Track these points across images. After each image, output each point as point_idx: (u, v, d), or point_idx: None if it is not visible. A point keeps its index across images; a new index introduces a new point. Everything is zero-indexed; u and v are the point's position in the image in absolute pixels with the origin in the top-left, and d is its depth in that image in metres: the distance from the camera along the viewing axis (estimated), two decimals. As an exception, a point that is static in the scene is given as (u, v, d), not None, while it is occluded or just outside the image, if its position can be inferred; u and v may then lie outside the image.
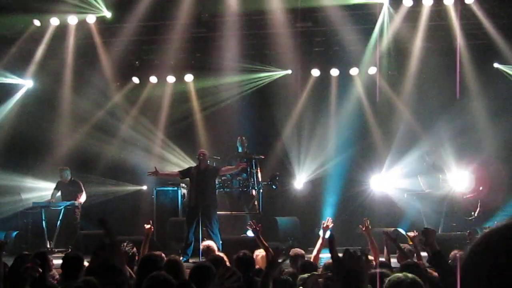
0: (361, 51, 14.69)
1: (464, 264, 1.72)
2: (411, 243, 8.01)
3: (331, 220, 8.21)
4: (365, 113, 15.25)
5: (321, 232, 8.21)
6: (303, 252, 7.94)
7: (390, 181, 14.40)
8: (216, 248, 8.77)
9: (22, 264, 6.78)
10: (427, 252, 6.16)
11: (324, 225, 8.10)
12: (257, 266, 7.07)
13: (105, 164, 15.56)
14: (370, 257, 7.24)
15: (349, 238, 12.78)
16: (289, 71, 15.62)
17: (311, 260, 7.77)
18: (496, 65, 14.60)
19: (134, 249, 7.65)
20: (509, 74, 14.53)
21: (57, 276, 6.77)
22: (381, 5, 13.94)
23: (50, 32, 14.83)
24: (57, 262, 8.26)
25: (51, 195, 13.81)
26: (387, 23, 14.19)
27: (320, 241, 8.05)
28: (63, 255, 7.24)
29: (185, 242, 11.50)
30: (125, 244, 7.69)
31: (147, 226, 8.05)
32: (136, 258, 7.62)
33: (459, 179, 13.71)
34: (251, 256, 7.06)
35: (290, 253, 7.72)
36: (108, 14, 14.37)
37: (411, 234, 7.95)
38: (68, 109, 15.76)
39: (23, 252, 7.95)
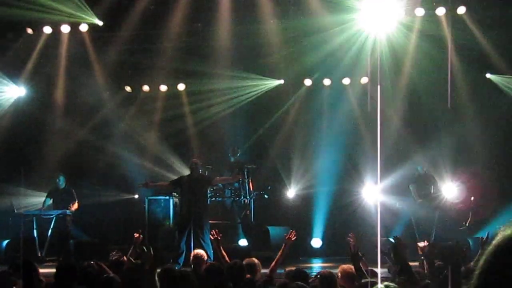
0: (354, 61, 14.72)
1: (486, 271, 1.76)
2: (421, 252, 7.87)
3: (295, 233, 8.10)
4: (357, 123, 15.29)
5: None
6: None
7: (381, 191, 14.40)
8: (206, 257, 8.74)
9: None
10: (397, 264, 6.22)
11: (287, 237, 7.99)
12: (248, 276, 7.05)
13: (97, 172, 15.54)
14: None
15: (341, 247, 12.80)
16: (282, 81, 15.68)
17: (268, 271, 7.63)
18: (488, 75, 14.66)
19: (124, 257, 7.64)
20: (501, 83, 14.58)
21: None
22: (374, 15, 13.99)
23: (43, 40, 14.81)
24: (48, 270, 8.26)
25: (42, 203, 13.77)
26: (380, 33, 14.23)
27: (280, 252, 7.89)
28: (56, 264, 7.19)
29: (177, 251, 11.49)
30: (113, 253, 7.69)
31: (136, 235, 7.97)
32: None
33: (451, 189, 13.74)
34: (242, 265, 7.04)
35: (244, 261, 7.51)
36: (100, 22, 14.36)
37: (421, 244, 7.80)
38: (60, 117, 15.73)
39: (15, 261, 7.93)
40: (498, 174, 13.89)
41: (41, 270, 7.66)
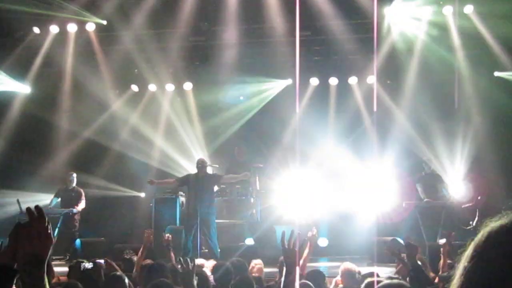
0: (360, 60, 14.71)
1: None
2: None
3: (315, 231, 8.09)
4: (364, 122, 15.28)
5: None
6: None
7: (388, 189, 14.35)
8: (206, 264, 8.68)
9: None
10: (408, 265, 6.22)
11: (310, 235, 7.97)
12: (256, 274, 7.05)
13: (104, 171, 15.57)
14: None
15: (346, 246, 12.84)
16: (289, 81, 15.69)
17: (299, 269, 7.59)
18: (496, 73, 14.60)
19: (134, 256, 7.69)
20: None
21: None
22: (380, 14, 13.97)
23: (50, 39, 14.86)
24: (55, 269, 8.26)
25: (50, 202, 13.78)
26: (386, 32, 14.22)
27: (307, 250, 7.84)
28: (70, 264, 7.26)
29: (183, 250, 11.48)
30: (127, 252, 7.75)
31: (148, 233, 7.98)
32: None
33: (458, 188, 13.71)
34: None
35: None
36: (107, 21, 14.40)
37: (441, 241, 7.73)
38: (67, 116, 15.76)
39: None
40: (506, 173, 13.83)
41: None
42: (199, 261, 8.46)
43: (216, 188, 12.76)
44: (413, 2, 13.78)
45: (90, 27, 14.62)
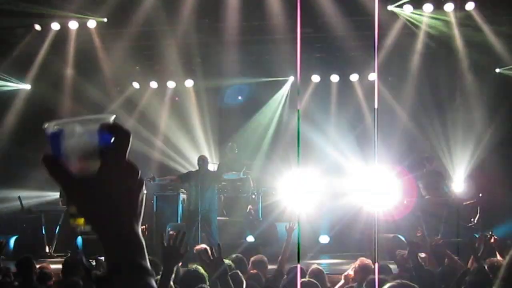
0: (361, 57, 14.70)
1: None
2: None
3: (294, 223, 8.10)
4: (365, 119, 15.28)
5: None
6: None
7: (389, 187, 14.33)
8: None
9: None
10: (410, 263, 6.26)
11: (287, 227, 7.96)
12: (254, 271, 7.05)
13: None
14: None
15: (347, 244, 12.83)
16: (292, 78, 15.70)
17: (277, 265, 7.57)
18: (498, 70, 14.59)
19: None
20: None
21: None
22: (382, 11, 13.95)
23: (51, 36, 14.85)
24: (57, 266, 8.29)
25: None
26: (388, 29, 14.21)
27: (285, 244, 7.83)
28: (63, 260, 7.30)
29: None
30: None
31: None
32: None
33: (459, 185, 13.70)
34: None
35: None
36: (108, 19, 14.39)
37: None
38: (68, 113, 15.75)
39: (23, 257, 7.97)
40: (507, 170, 13.82)
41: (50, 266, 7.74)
42: (203, 245, 8.52)
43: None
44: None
45: (91, 24, 14.59)
